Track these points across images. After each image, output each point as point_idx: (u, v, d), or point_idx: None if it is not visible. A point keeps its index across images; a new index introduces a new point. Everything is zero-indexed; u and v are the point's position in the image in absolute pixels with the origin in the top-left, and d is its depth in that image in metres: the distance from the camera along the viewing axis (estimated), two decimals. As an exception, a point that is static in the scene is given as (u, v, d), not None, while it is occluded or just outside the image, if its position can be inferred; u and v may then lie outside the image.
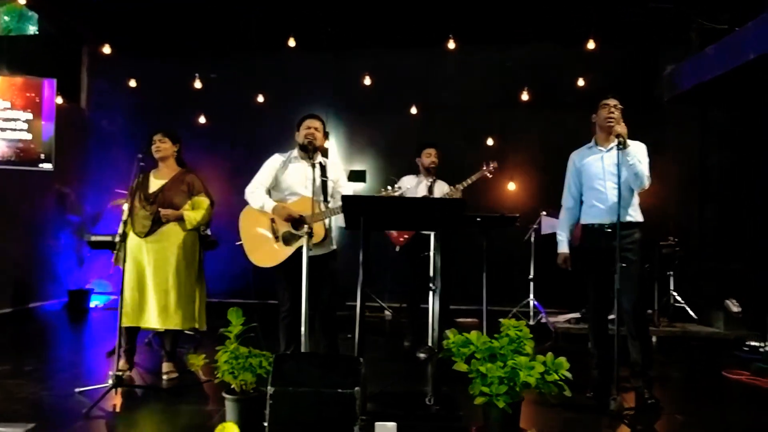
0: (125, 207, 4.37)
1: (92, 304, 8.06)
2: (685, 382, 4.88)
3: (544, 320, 6.56)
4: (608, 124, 3.89)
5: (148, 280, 4.31)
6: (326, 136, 4.16)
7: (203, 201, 4.50)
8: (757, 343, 5.50)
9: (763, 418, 3.98)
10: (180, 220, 4.37)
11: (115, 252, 4.32)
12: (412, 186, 5.76)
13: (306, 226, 3.73)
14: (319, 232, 3.90)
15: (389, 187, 4.00)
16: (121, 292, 4.13)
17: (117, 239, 4.27)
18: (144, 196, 4.37)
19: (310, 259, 3.70)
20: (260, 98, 8.17)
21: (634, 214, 3.95)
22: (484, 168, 5.73)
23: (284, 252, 3.97)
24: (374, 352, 5.14)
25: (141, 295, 4.32)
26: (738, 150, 7.38)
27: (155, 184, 4.42)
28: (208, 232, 5.10)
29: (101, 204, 7.88)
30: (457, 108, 8.01)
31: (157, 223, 4.31)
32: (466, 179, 5.67)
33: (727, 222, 7.44)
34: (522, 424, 3.17)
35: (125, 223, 4.29)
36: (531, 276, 6.84)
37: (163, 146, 4.41)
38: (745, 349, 5.56)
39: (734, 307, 6.21)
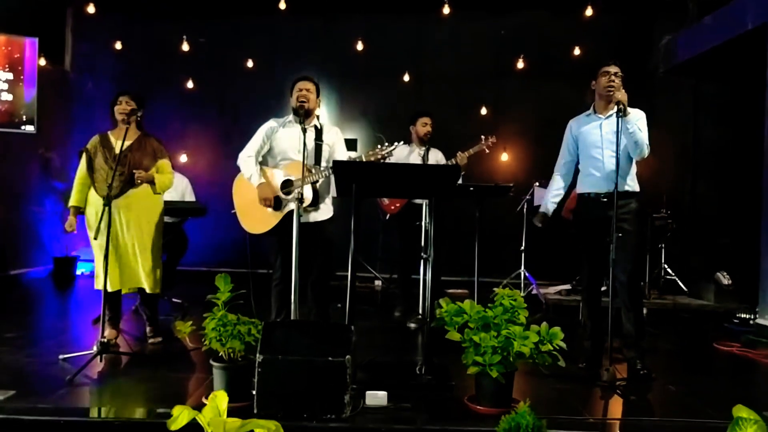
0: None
1: (78, 272, 7.95)
2: (677, 353, 4.88)
3: (534, 291, 6.53)
4: (608, 93, 3.80)
5: (124, 242, 4.17)
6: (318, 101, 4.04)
7: (167, 165, 4.41)
8: (747, 316, 5.52)
9: (753, 389, 4.01)
10: (151, 183, 4.27)
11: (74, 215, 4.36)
12: (404, 155, 5.64)
13: (296, 191, 3.64)
14: (306, 195, 3.78)
15: (379, 146, 3.77)
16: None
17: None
18: (111, 157, 4.21)
19: (303, 225, 3.61)
20: (249, 63, 8.01)
21: (632, 184, 3.87)
22: (483, 142, 5.58)
23: (275, 217, 3.89)
24: (364, 322, 5.08)
25: (118, 258, 4.17)
26: (732, 124, 7.32)
27: (118, 145, 4.21)
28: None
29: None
30: (450, 76, 7.86)
31: (128, 184, 4.17)
32: (464, 151, 5.51)
33: (719, 195, 7.42)
34: (514, 395, 3.13)
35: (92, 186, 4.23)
36: (522, 247, 6.78)
37: (129, 107, 4.24)
38: (736, 321, 5.58)
39: (725, 279, 6.23)
